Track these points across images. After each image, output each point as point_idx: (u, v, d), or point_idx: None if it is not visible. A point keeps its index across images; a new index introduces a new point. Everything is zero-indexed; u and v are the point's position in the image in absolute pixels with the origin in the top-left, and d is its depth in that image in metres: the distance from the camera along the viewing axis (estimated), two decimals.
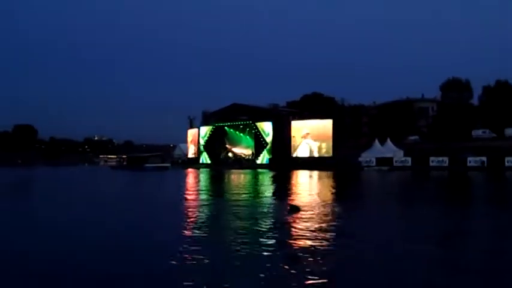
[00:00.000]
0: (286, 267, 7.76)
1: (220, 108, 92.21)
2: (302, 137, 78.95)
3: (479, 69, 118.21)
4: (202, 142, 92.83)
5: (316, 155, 77.36)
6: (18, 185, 37.25)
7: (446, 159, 61.99)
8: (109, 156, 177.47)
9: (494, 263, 8.40)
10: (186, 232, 11.55)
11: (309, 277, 6.99)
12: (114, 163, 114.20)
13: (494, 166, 56.16)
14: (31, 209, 17.97)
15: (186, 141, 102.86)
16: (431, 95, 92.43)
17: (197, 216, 15.12)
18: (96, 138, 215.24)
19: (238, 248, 9.22)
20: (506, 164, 56.90)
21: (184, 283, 6.75)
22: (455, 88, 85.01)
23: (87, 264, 8.12)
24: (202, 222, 13.59)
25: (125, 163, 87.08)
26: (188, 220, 13.99)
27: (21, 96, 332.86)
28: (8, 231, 12.17)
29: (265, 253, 8.80)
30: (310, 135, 77.97)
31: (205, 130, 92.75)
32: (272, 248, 9.28)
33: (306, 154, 78.27)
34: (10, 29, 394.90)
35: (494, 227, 12.84)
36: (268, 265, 7.78)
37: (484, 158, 59.42)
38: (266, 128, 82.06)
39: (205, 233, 11.53)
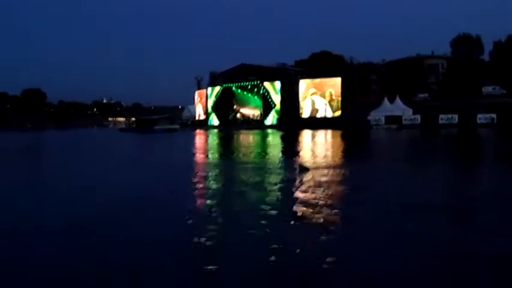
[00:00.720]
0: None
1: (228, 68, 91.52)
2: (310, 95, 78.60)
3: (491, 25, 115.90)
4: (210, 103, 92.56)
5: (322, 111, 77.13)
6: (31, 150, 37.60)
7: (455, 116, 61.63)
8: (118, 118, 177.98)
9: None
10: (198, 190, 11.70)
11: None
12: (123, 125, 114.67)
13: (504, 123, 55.79)
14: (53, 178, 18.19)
15: (194, 103, 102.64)
16: (441, 52, 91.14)
17: (208, 176, 15.28)
18: (104, 101, 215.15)
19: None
20: None
21: None
22: (465, 44, 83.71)
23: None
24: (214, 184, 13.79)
25: (134, 125, 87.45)
26: (199, 179, 14.12)
27: (29, 59, 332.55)
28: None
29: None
30: (319, 94, 77.54)
31: (213, 91, 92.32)
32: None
33: (309, 110, 78.15)
34: None
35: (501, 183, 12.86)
36: None
37: (493, 115, 59.03)
38: (274, 87, 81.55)
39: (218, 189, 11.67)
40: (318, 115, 77.17)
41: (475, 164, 19.01)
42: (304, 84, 79.72)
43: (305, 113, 78.84)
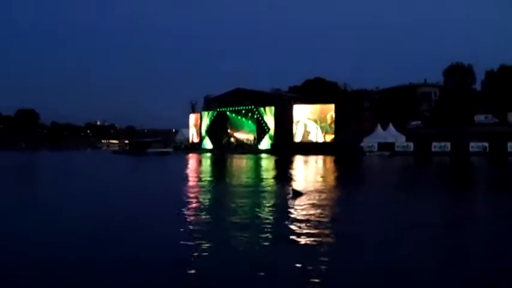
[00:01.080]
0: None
1: (222, 93, 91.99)
2: (304, 121, 79.00)
3: (483, 54, 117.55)
4: (204, 127, 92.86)
5: (314, 136, 77.42)
6: (24, 170, 37.39)
7: (448, 144, 61.99)
8: (111, 141, 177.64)
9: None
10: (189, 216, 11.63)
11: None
12: (116, 148, 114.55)
13: (496, 151, 56.14)
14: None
15: (188, 126, 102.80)
16: (434, 80, 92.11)
17: (200, 200, 15.20)
18: (98, 123, 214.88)
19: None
20: (509, 149, 56.90)
21: None
22: (458, 73, 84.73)
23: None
24: (206, 206, 13.70)
25: (127, 148, 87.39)
26: (191, 205, 14.04)
27: (24, 80, 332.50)
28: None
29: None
30: (313, 119, 77.92)
31: (207, 115, 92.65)
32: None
33: (301, 134, 78.47)
34: (7, 14, 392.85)
35: (496, 212, 12.88)
36: None
37: (486, 144, 59.40)
38: (268, 112, 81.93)
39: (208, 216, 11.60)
40: (310, 139, 77.41)
41: (468, 192, 19.01)
42: (298, 110, 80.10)
43: (297, 137, 79.03)
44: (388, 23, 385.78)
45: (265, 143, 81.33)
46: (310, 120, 78.16)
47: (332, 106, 76.77)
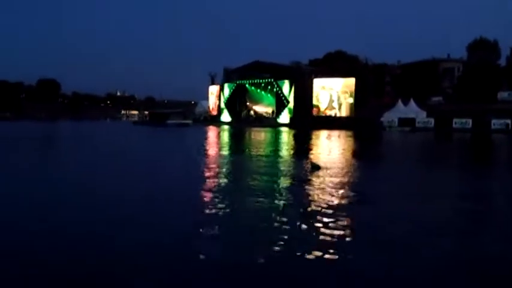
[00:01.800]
0: None
1: (241, 65, 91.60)
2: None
3: (508, 30, 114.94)
4: (223, 99, 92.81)
5: (335, 110, 76.82)
6: (47, 140, 38.05)
7: (469, 121, 61.19)
8: (131, 111, 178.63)
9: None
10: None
11: None
12: (136, 118, 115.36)
13: None
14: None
15: (207, 98, 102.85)
16: (457, 55, 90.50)
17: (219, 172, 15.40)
18: (118, 93, 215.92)
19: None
20: None
21: None
22: (482, 48, 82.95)
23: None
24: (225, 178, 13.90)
25: (147, 119, 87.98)
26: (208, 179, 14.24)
27: (44, 50, 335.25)
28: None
29: None
30: (333, 92, 77.27)
31: (226, 87, 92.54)
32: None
33: (326, 103, 77.71)
34: None
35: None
36: None
37: (508, 121, 58.54)
38: (288, 85, 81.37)
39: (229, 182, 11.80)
40: (331, 113, 76.93)
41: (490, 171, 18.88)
42: (318, 83, 79.47)
43: (318, 112, 78.43)
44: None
45: (285, 117, 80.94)
46: (332, 93, 77.44)
47: (353, 80, 76.00)
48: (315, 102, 78.67)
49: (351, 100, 75.36)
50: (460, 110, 64.38)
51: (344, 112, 75.75)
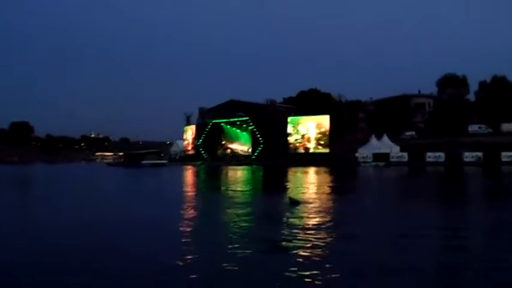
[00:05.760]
0: None
1: (217, 104, 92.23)
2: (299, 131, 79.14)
3: (476, 65, 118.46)
4: (199, 138, 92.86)
5: (310, 147, 77.48)
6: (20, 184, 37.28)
7: (442, 154, 62.16)
8: (105, 153, 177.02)
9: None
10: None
11: None
12: (111, 160, 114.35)
13: (490, 161, 56.35)
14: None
15: (182, 138, 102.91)
16: (428, 91, 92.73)
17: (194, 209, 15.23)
18: (92, 135, 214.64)
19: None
20: (502, 159, 57.11)
21: None
22: (451, 84, 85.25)
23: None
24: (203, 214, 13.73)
25: (122, 160, 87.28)
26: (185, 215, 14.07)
27: (18, 93, 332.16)
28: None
29: None
30: (308, 130, 78.09)
31: (202, 127, 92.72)
32: None
33: (297, 145, 78.55)
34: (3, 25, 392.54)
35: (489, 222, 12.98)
36: None
37: (480, 154, 59.61)
38: (263, 123, 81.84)
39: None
40: (306, 150, 77.49)
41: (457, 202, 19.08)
42: (293, 121, 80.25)
43: (294, 149, 79.05)
44: (382, 35, 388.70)
45: (260, 154, 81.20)
46: (306, 132, 78.22)
47: (327, 117, 76.98)
48: (290, 139, 79.29)
49: (326, 137, 76.19)
50: (432, 144, 65.50)
51: (319, 148, 76.39)
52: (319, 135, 77.17)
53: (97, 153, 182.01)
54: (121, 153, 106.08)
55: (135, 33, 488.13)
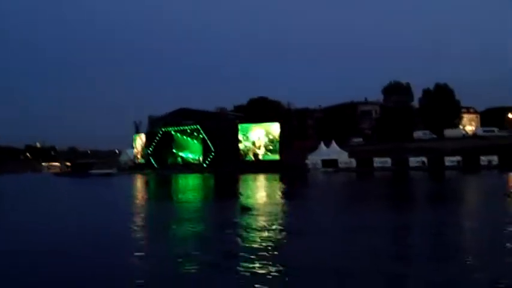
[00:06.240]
0: None
1: (167, 113, 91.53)
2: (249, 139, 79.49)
3: (420, 73, 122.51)
4: (149, 147, 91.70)
5: (260, 155, 77.98)
6: None
7: (389, 160, 63.77)
8: (52, 163, 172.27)
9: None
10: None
11: None
12: (58, 170, 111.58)
13: (434, 166, 58.34)
14: None
15: (132, 147, 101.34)
16: (374, 98, 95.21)
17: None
18: (38, 145, 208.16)
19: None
20: (446, 163, 59.23)
21: None
22: (396, 91, 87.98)
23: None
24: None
25: (69, 170, 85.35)
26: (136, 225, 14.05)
27: None
28: None
29: None
30: (258, 138, 78.50)
31: (152, 135, 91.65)
32: None
33: (248, 152, 78.93)
34: None
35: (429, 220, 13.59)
36: None
37: (424, 158, 61.59)
38: (214, 131, 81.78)
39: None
40: (257, 158, 77.90)
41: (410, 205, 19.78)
42: (243, 129, 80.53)
43: (244, 156, 79.31)
44: (331, 43, 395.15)
45: (212, 162, 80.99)
46: (256, 140, 78.66)
47: (277, 124, 77.70)
48: (240, 146, 79.53)
49: (276, 144, 76.86)
50: (379, 149, 67.19)
51: (269, 155, 76.93)
52: (269, 143, 77.73)
53: (43, 164, 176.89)
54: (68, 163, 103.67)
55: (87, 36, 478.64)
